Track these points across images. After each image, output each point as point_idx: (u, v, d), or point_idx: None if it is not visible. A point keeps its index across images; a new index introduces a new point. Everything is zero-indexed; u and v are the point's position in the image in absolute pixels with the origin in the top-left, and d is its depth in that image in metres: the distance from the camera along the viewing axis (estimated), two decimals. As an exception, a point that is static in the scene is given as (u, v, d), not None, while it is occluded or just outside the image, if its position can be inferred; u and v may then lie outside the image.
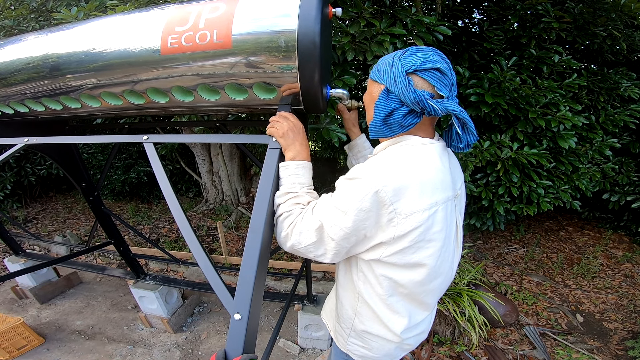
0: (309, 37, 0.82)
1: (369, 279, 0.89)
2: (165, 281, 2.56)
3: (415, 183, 0.76)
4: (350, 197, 0.77)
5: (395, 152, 0.83)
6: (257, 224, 0.77)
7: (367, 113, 0.94)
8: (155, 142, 1.03)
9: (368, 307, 0.93)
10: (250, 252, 0.74)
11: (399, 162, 0.79)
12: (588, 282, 3.45)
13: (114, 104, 1.11)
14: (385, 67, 0.83)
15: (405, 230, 0.77)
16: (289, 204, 0.88)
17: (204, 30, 0.86)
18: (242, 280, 0.72)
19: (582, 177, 2.97)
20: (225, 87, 0.95)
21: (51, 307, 3.03)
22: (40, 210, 5.34)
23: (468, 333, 2.47)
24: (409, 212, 0.76)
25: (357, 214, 0.76)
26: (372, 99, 0.88)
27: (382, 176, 0.75)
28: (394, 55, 0.83)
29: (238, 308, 0.70)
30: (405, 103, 0.79)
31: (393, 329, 0.93)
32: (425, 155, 0.83)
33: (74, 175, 1.92)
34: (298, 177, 0.91)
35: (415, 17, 1.77)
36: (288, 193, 0.89)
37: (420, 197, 0.77)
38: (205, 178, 4.70)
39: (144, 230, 4.44)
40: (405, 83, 0.77)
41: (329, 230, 0.80)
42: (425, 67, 0.78)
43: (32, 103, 1.23)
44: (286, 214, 0.87)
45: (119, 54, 0.96)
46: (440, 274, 0.90)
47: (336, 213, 0.79)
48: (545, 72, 2.57)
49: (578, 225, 4.70)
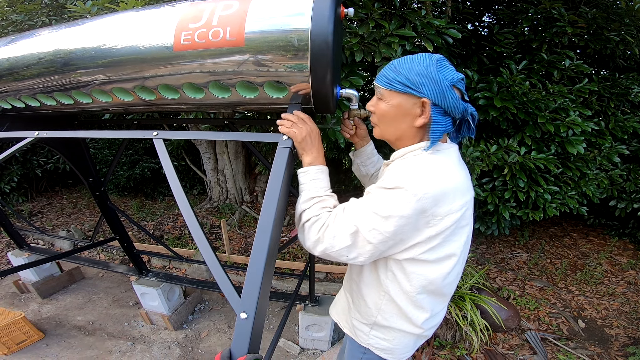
0: (322, 36, 0.82)
1: (397, 278, 0.92)
2: (168, 278, 2.57)
3: (450, 189, 0.81)
4: (393, 204, 0.78)
5: (426, 160, 0.85)
6: (265, 223, 0.77)
7: (386, 125, 0.93)
8: (165, 138, 1.02)
9: (393, 304, 0.96)
10: (258, 251, 0.74)
11: (434, 170, 0.82)
12: (591, 289, 3.43)
13: (125, 100, 1.11)
14: (422, 79, 0.82)
15: (439, 230, 0.82)
16: (315, 209, 0.89)
17: (217, 28, 0.85)
18: (249, 279, 0.72)
19: (589, 184, 2.94)
20: (236, 84, 0.95)
21: (52, 302, 3.04)
22: (45, 204, 5.37)
23: (469, 337, 2.45)
24: (445, 214, 0.81)
25: (399, 220, 0.78)
26: (400, 112, 0.88)
27: (422, 185, 0.78)
28: (425, 65, 0.82)
29: (244, 307, 0.70)
30: (452, 114, 0.83)
31: (416, 322, 0.97)
32: (451, 160, 0.88)
33: (82, 170, 1.92)
34: (319, 181, 0.92)
35: (425, 19, 1.76)
36: (313, 198, 0.90)
37: (454, 200, 0.82)
38: (210, 176, 4.71)
39: (148, 226, 4.45)
40: (455, 97, 0.82)
41: (366, 234, 0.81)
42: (459, 78, 0.83)
43: (43, 97, 1.23)
44: (314, 218, 0.88)
45: (131, 50, 0.96)
46: (461, 263, 0.94)
47: (376, 218, 0.80)
48: (555, 76, 2.54)
49: (583, 232, 4.66)
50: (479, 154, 2.53)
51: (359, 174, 1.30)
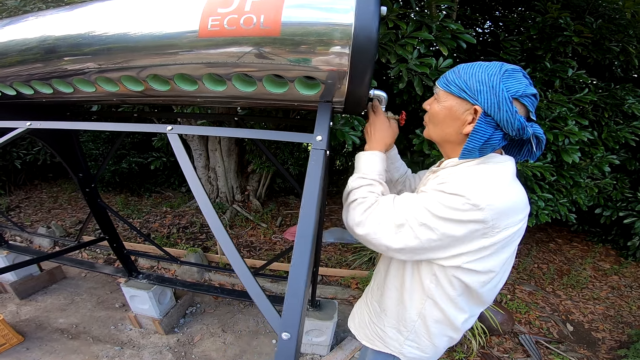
0: (366, 32, 0.76)
1: (440, 281, 0.89)
2: (160, 281, 2.44)
3: (514, 202, 0.79)
4: (449, 208, 0.76)
5: (488, 171, 0.82)
6: (305, 230, 0.69)
7: (434, 126, 0.92)
8: (180, 133, 0.94)
9: (437, 308, 0.94)
10: (299, 264, 0.66)
11: (498, 181, 0.80)
12: (577, 293, 3.52)
13: (134, 90, 1.01)
14: (481, 86, 0.78)
15: (494, 241, 0.78)
16: (363, 191, 0.90)
17: (250, 14, 0.78)
18: (291, 295, 0.65)
19: (580, 192, 3.00)
20: (263, 78, 0.88)
21: (32, 303, 2.84)
22: (24, 198, 5.07)
23: (468, 341, 2.46)
24: (503, 227, 0.78)
25: (451, 223, 0.76)
26: (450, 115, 0.85)
27: (486, 196, 0.75)
28: (489, 73, 0.78)
29: (286, 326, 0.63)
30: (505, 129, 0.78)
31: (457, 324, 0.95)
32: (511, 174, 0.84)
33: (72, 165, 1.79)
34: (372, 164, 0.96)
35: (442, 23, 1.73)
36: (363, 178, 0.92)
37: (514, 215, 0.79)
38: (201, 173, 4.56)
39: (134, 224, 4.27)
40: (511, 111, 0.76)
41: (416, 228, 0.79)
42: (527, 93, 0.77)
43: (39, 84, 1.12)
44: (361, 199, 0.88)
45: (148, 36, 0.87)
46: (504, 275, 0.92)
47: (428, 215, 0.78)
48: (557, 85, 2.57)
49: (567, 238, 4.79)
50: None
51: None
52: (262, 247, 3.84)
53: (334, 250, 3.81)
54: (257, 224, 4.30)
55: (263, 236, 4.07)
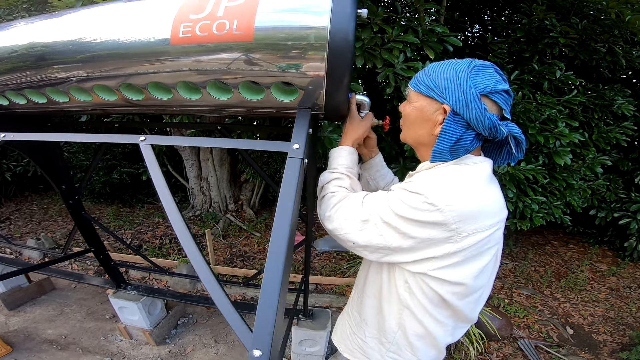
0: (342, 34, 0.74)
1: (413, 290, 0.85)
2: (149, 292, 2.39)
3: (479, 206, 0.74)
4: (408, 206, 0.74)
5: (456, 172, 0.77)
6: (278, 245, 0.66)
7: (407, 128, 0.90)
8: (154, 144, 0.91)
9: (415, 320, 0.89)
10: (271, 278, 0.63)
11: (464, 184, 0.75)
12: (576, 295, 3.49)
13: (107, 99, 0.99)
14: (448, 84, 0.75)
15: (461, 247, 0.74)
16: (332, 185, 0.91)
17: (223, 20, 0.76)
18: (262, 310, 0.62)
19: (574, 194, 2.99)
20: (239, 85, 0.85)
21: (20, 314, 2.80)
22: (14, 210, 5.01)
23: (465, 347, 2.42)
24: (470, 232, 0.73)
25: (412, 223, 0.74)
26: (421, 116, 0.82)
27: (445, 197, 0.71)
28: (456, 70, 0.75)
29: (258, 343, 0.60)
30: (476, 128, 0.74)
31: (439, 339, 0.91)
32: (482, 175, 0.79)
33: (54, 177, 1.75)
34: (341, 158, 0.96)
35: (427, 26, 1.72)
36: (331, 172, 0.94)
37: (483, 219, 0.74)
38: (193, 183, 4.52)
39: (125, 235, 4.21)
40: (480, 108, 0.72)
41: (380, 225, 0.78)
42: (497, 89, 0.74)
43: (13, 95, 1.09)
44: (330, 194, 0.89)
45: (117, 44, 0.84)
46: (481, 287, 0.86)
47: (390, 212, 0.76)
48: (545, 87, 2.57)
49: (563, 240, 4.78)
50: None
51: (367, 189, 1.20)
52: (256, 256, 3.80)
53: (329, 258, 3.77)
54: (251, 233, 4.25)
55: (257, 245, 4.03)
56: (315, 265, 3.58)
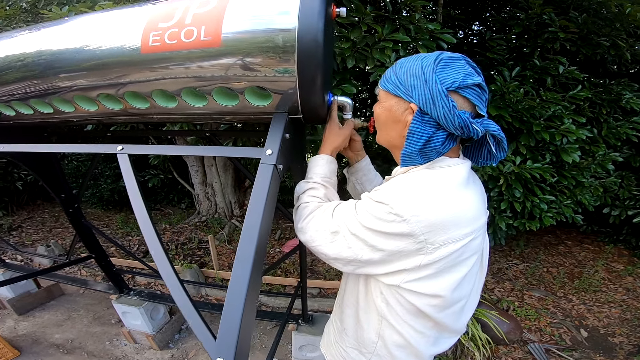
0: (311, 34, 0.72)
1: (389, 301, 0.81)
2: (151, 297, 2.41)
3: (450, 216, 0.68)
4: (374, 217, 0.70)
5: (425, 178, 0.72)
6: (246, 251, 0.65)
7: (379, 130, 0.85)
8: (131, 153, 0.91)
9: (394, 331, 0.85)
10: (236, 286, 0.62)
11: (432, 192, 0.69)
12: (590, 296, 3.37)
13: (89, 110, 0.99)
14: (414, 80, 0.70)
15: (433, 259, 0.69)
16: (306, 195, 0.88)
17: (191, 27, 0.75)
18: (226, 317, 0.61)
19: (584, 192, 2.90)
20: (213, 91, 0.85)
21: (29, 319, 2.88)
22: (26, 218, 5.15)
23: (470, 352, 2.36)
24: (442, 243, 0.68)
25: (379, 235, 0.70)
26: (391, 116, 0.78)
27: (411, 207, 0.67)
28: (422, 65, 0.70)
29: (221, 351, 0.58)
30: (446, 127, 0.69)
31: (421, 350, 0.86)
32: (457, 179, 0.73)
33: (53, 186, 1.78)
34: (318, 167, 0.92)
35: (419, 23, 1.69)
36: (307, 182, 0.90)
37: (455, 229, 0.68)
38: (198, 189, 4.56)
39: (133, 241, 4.27)
40: (448, 105, 0.66)
41: (348, 237, 0.74)
42: (467, 84, 0.67)
43: (2, 107, 1.11)
44: (303, 204, 0.86)
45: (92, 54, 0.85)
46: (461, 298, 0.80)
47: (357, 224, 0.73)
48: (549, 83, 2.51)
49: (577, 240, 4.63)
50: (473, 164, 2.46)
51: (354, 193, 1.16)
52: (261, 260, 3.79)
53: (333, 261, 3.73)
54: (256, 237, 4.26)
55: (262, 250, 4.03)
56: (320, 269, 3.55)
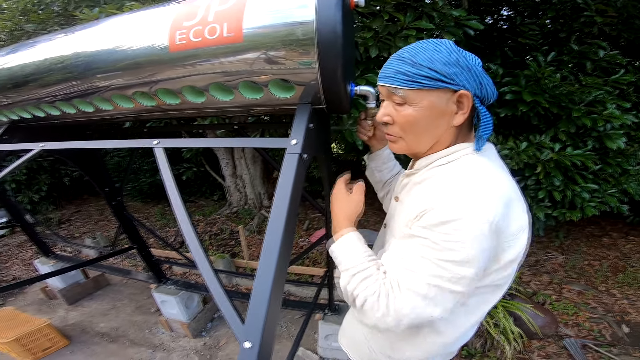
0: (330, 26, 0.73)
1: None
2: (186, 286, 2.55)
3: (513, 196, 0.69)
4: (464, 242, 0.63)
5: (473, 169, 0.70)
6: (273, 240, 0.68)
7: (416, 135, 0.76)
8: (166, 147, 0.97)
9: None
10: (264, 273, 0.65)
11: (492, 178, 0.68)
12: (635, 291, 3.16)
13: (126, 107, 1.06)
14: (453, 68, 0.67)
15: (516, 252, 0.70)
16: (362, 287, 0.72)
17: (213, 24, 0.79)
18: (254, 302, 0.64)
19: (630, 180, 2.71)
20: (239, 85, 0.88)
21: (78, 309, 3.11)
22: (74, 211, 5.55)
23: (501, 346, 2.30)
24: (519, 230, 0.69)
25: (481, 254, 0.64)
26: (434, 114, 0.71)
27: (488, 205, 0.63)
28: (450, 52, 0.68)
29: (249, 335, 0.62)
30: (487, 101, 0.74)
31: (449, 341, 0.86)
32: (499, 161, 0.76)
33: (97, 181, 1.92)
34: (350, 251, 0.78)
35: (442, 10, 1.63)
36: (353, 275, 0.74)
37: (522, 212, 0.70)
38: (229, 181, 4.72)
39: (170, 233, 4.51)
40: (491, 83, 0.72)
41: (450, 286, 0.66)
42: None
43: (47, 107, 1.21)
44: (369, 296, 0.70)
45: (124, 55, 0.91)
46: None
47: (450, 266, 0.64)
48: (588, 68, 2.36)
49: (623, 231, 4.33)
50: (508, 151, 2.36)
51: (373, 180, 1.17)
52: (289, 251, 3.88)
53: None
54: (284, 229, 4.35)
55: (290, 240, 4.11)
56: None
